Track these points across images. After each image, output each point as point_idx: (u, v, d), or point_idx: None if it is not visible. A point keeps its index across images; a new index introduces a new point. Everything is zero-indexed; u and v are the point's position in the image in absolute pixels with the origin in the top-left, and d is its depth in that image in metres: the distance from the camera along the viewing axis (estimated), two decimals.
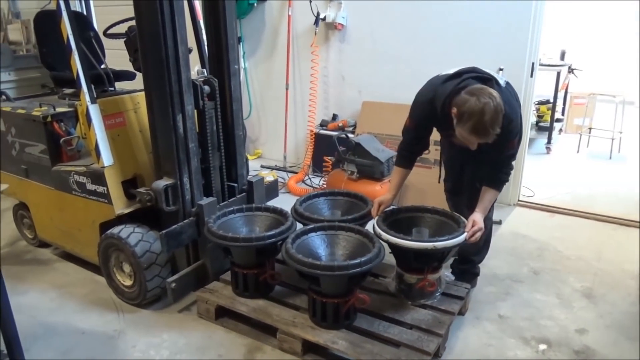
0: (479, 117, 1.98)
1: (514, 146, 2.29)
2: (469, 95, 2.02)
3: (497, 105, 1.99)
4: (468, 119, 2.01)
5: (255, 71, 5.03)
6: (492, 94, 2.02)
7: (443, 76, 2.27)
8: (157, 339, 2.40)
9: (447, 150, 2.70)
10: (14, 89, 3.95)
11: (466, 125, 2.03)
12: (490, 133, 2.02)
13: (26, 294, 2.80)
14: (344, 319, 2.22)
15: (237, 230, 2.50)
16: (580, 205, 3.89)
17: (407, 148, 2.49)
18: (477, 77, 2.18)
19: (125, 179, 2.65)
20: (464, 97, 2.04)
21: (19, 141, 2.98)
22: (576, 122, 6.10)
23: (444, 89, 2.19)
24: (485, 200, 2.35)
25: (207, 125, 2.63)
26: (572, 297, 2.72)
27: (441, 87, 2.21)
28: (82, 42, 2.52)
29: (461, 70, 2.24)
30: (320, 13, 4.35)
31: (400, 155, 2.53)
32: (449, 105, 2.14)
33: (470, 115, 1.99)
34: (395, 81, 4.18)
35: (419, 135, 2.43)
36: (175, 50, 2.38)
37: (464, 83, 2.15)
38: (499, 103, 2.01)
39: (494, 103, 1.98)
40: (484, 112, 1.97)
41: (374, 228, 2.35)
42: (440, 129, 2.41)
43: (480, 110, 1.97)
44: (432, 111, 2.25)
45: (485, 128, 2.00)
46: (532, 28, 3.58)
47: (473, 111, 1.98)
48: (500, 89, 2.18)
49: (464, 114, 2.01)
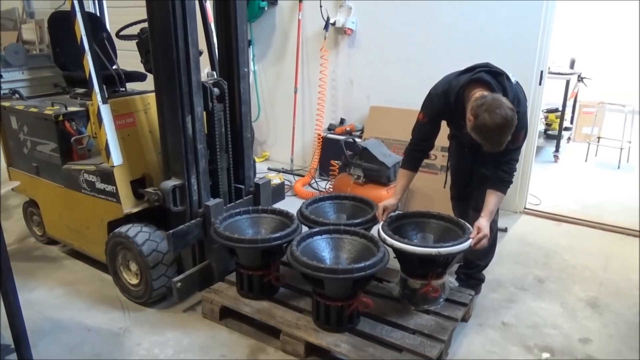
0: (492, 134, 2.07)
1: (520, 140, 2.33)
2: (484, 111, 2.05)
3: (510, 121, 2.04)
4: (480, 132, 2.09)
5: (265, 74, 5.06)
6: (507, 109, 2.04)
7: (457, 72, 2.35)
8: (161, 337, 2.43)
9: (455, 157, 2.71)
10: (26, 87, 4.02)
11: (479, 136, 2.12)
12: (501, 145, 2.12)
13: (35, 290, 2.84)
14: (347, 322, 2.22)
15: (243, 231, 2.52)
16: (587, 215, 3.87)
17: (416, 147, 2.52)
18: (489, 72, 2.24)
19: (134, 178, 2.68)
20: (478, 111, 2.07)
21: (30, 139, 3.03)
22: (585, 130, 6.07)
23: (458, 81, 2.27)
24: (490, 204, 2.36)
25: (215, 127, 2.66)
26: (576, 306, 2.71)
27: (455, 80, 2.30)
28: (94, 43, 2.55)
29: (474, 65, 2.30)
30: (330, 18, 4.38)
31: (409, 156, 2.55)
32: (462, 97, 2.22)
33: (484, 131, 2.08)
34: (403, 86, 4.19)
35: (431, 130, 2.46)
36: (186, 52, 2.41)
37: (476, 75, 2.22)
38: (512, 117, 2.05)
39: (507, 119, 2.03)
40: (495, 130, 2.05)
41: (378, 232, 2.36)
42: (452, 121, 2.44)
43: (493, 128, 2.04)
44: (445, 103, 2.32)
45: (497, 143, 2.10)
46: (541, 36, 3.58)
47: (487, 128, 2.05)
48: (511, 84, 2.26)
49: (477, 128, 2.09)
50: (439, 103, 2.35)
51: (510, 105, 2.08)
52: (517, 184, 3.78)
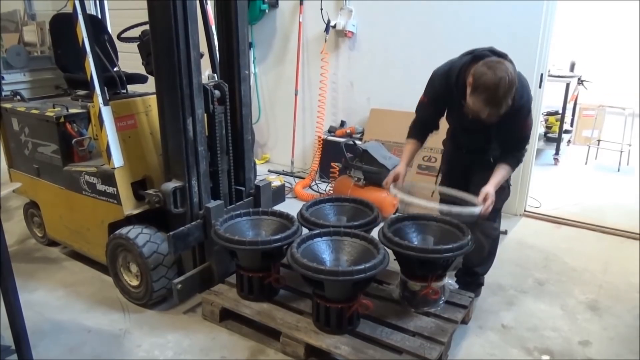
0: (494, 91, 2.06)
1: (529, 127, 2.39)
2: (486, 68, 2.09)
3: (511, 80, 2.07)
4: (483, 91, 2.08)
5: (265, 76, 5.07)
6: (508, 68, 2.09)
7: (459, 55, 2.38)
8: (161, 339, 2.43)
9: (449, 161, 2.73)
10: (28, 89, 4.02)
11: (480, 97, 2.10)
12: (502, 105, 2.10)
13: (35, 291, 2.84)
14: (347, 324, 2.23)
15: (243, 233, 2.52)
16: (587, 217, 3.87)
17: (419, 125, 2.56)
18: (493, 52, 2.28)
19: (135, 180, 2.68)
20: (481, 69, 2.11)
21: (31, 141, 3.03)
22: (585, 133, 6.08)
23: (460, 61, 2.32)
24: (498, 176, 2.36)
25: (216, 129, 2.67)
26: (576, 308, 2.72)
27: (457, 60, 2.35)
28: (96, 45, 2.56)
29: (476, 48, 2.33)
30: (330, 20, 4.40)
31: (413, 127, 2.59)
32: (464, 75, 2.23)
33: (485, 89, 2.07)
34: (403, 89, 4.20)
35: (433, 112, 2.50)
36: (187, 54, 2.42)
37: (479, 54, 2.25)
38: (514, 78, 2.09)
39: (509, 78, 2.06)
40: (498, 87, 2.05)
41: (379, 234, 2.37)
42: (452, 104, 2.43)
43: (495, 85, 2.05)
44: (446, 84, 2.35)
45: (498, 101, 2.08)
46: (541, 39, 3.59)
47: (488, 85, 2.06)
48: (514, 67, 2.26)
49: (479, 86, 2.09)
50: (439, 84, 2.39)
51: (512, 68, 2.11)
52: (517, 187, 3.79)
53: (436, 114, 2.52)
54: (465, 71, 2.25)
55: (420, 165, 3.98)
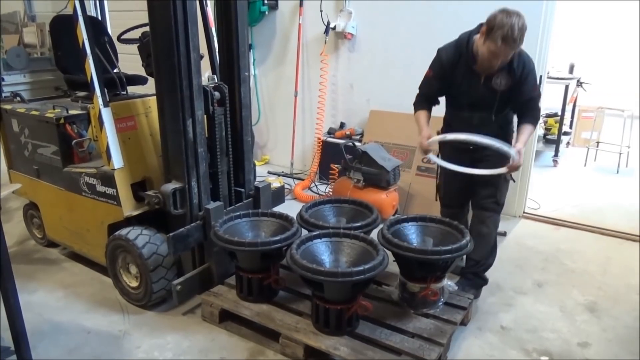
0: (509, 29, 2.21)
1: (537, 88, 2.58)
2: (500, 12, 2.26)
3: (523, 23, 2.25)
4: (498, 29, 2.23)
5: (265, 78, 5.08)
6: (519, 13, 2.25)
7: None
8: (161, 340, 2.43)
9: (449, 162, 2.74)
10: (28, 90, 4.03)
11: (496, 34, 2.24)
12: (516, 43, 2.26)
13: (35, 292, 2.84)
14: (346, 326, 2.23)
15: (243, 234, 2.52)
16: (586, 219, 3.88)
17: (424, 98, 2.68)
18: None
19: (135, 181, 2.68)
20: (495, 14, 2.27)
21: (31, 142, 3.04)
22: (584, 135, 6.08)
23: (469, 32, 2.49)
24: (525, 134, 2.48)
25: (216, 131, 2.67)
26: (575, 310, 2.72)
27: (464, 33, 2.52)
28: (96, 47, 2.57)
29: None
30: (330, 22, 4.40)
31: (419, 102, 2.68)
32: (474, 41, 2.41)
33: (500, 27, 2.22)
34: (403, 91, 4.16)
35: (437, 87, 2.62)
36: (187, 56, 2.42)
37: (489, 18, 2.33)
38: (524, 23, 2.25)
39: (521, 20, 2.24)
40: (512, 25, 2.21)
41: (378, 236, 2.37)
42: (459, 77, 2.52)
43: (510, 23, 2.21)
44: (454, 54, 2.50)
45: (513, 38, 2.23)
46: (540, 41, 3.60)
47: (503, 23, 2.22)
48: None
49: (494, 26, 2.24)
50: (446, 56, 2.52)
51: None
52: (516, 188, 3.79)
53: (439, 90, 2.63)
54: (474, 38, 2.42)
55: (420, 167, 3.99)
